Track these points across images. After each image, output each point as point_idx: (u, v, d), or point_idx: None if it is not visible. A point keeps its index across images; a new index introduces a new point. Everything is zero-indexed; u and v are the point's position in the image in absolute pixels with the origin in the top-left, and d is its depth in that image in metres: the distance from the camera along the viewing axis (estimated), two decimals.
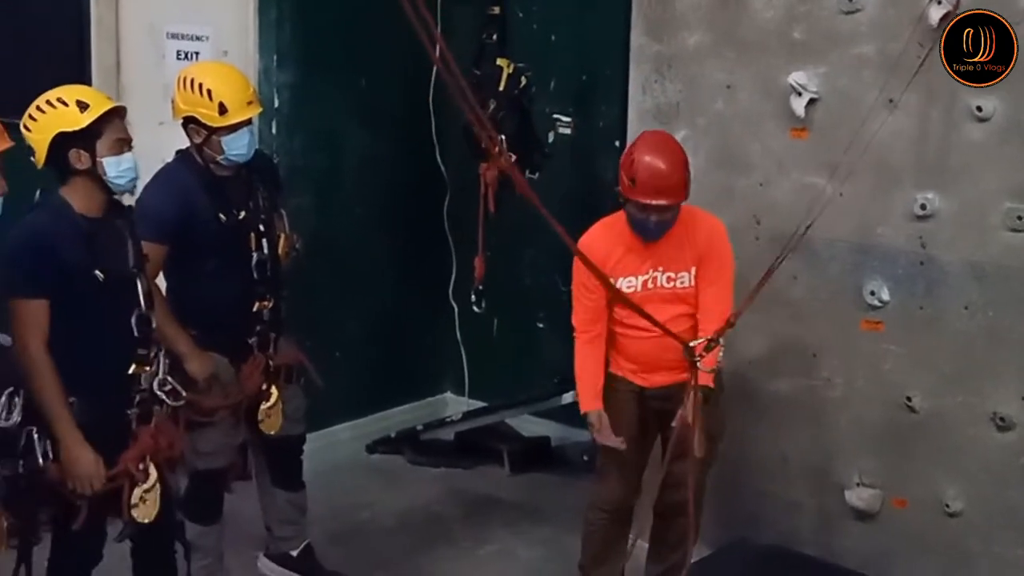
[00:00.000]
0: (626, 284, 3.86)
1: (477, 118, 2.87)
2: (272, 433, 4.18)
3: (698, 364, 3.56)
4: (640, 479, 4.08)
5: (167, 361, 3.57)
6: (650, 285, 3.88)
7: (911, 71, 3.87)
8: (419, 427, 5.71)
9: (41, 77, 4.36)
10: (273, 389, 4.13)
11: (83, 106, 3.34)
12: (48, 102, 3.38)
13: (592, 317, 3.93)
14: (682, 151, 3.86)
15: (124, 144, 3.40)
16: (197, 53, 5.26)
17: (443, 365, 6.06)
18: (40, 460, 3.28)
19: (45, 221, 3.35)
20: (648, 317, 3.50)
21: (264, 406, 4.13)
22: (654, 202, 3.74)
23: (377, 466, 5.61)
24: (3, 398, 3.23)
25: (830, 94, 4.17)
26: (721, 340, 3.64)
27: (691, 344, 3.60)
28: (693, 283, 3.89)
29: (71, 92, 3.42)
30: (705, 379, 3.83)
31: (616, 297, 3.75)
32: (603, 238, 3.90)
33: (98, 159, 3.35)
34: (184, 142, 4.04)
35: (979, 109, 3.87)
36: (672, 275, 3.88)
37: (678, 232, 3.85)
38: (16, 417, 3.25)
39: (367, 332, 5.69)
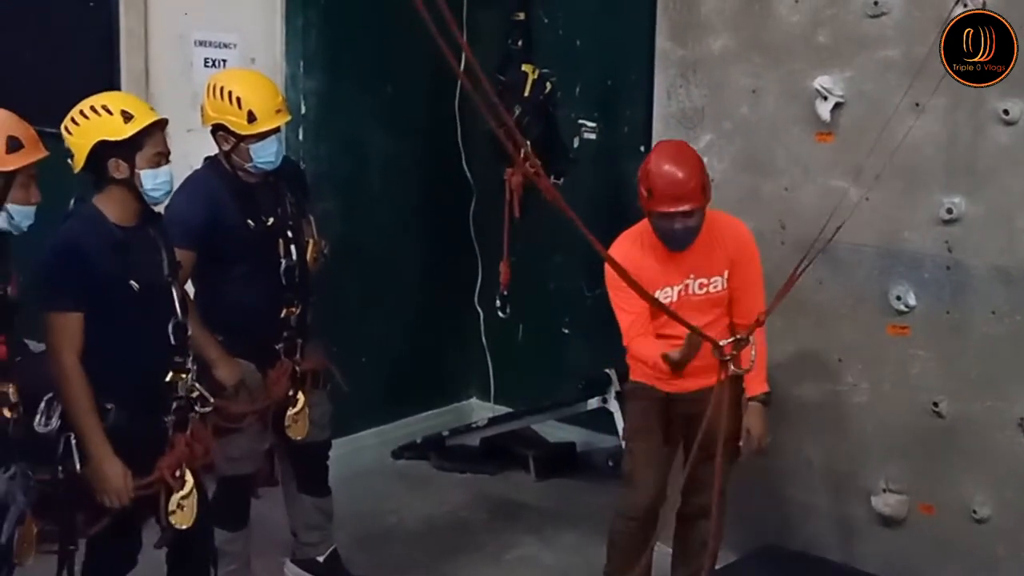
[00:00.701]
0: (662, 296, 3.84)
1: (504, 127, 2.87)
2: (299, 439, 4.20)
3: (731, 364, 3.55)
4: (665, 485, 4.07)
5: (195, 367, 3.59)
6: (683, 293, 3.88)
7: (936, 74, 3.86)
8: (445, 432, 5.72)
9: (71, 85, 4.41)
10: (300, 395, 4.14)
11: (127, 116, 3.36)
12: (93, 108, 3.39)
13: (644, 321, 3.86)
14: (697, 156, 3.86)
15: (162, 157, 3.42)
16: (224, 60, 5.30)
17: (468, 370, 6.07)
18: (78, 466, 3.31)
19: (80, 233, 3.37)
20: (690, 327, 3.47)
21: (291, 412, 4.14)
22: (674, 209, 3.73)
23: (403, 471, 5.62)
24: (42, 404, 3.26)
25: (856, 98, 4.16)
26: (751, 338, 3.63)
27: (721, 343, 3.59)
28: (725, 287, 3.89)
29: (116, 101, 3.44)
30: (760, 386, 3.87)
31: (656, 307, 3.68)
32: (632, 254, 3.84)
33: (136, 170, 3.37)
34: (212, 149, 4.07)
35: (1006, 112, 3.85)
36: (704, 281, 3.88)
37: (705, 238, 3.85)
38: (55, 423, 3.28)
39: (393, 337, 5.71)
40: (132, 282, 3.37)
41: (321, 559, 4.47)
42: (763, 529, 4.47)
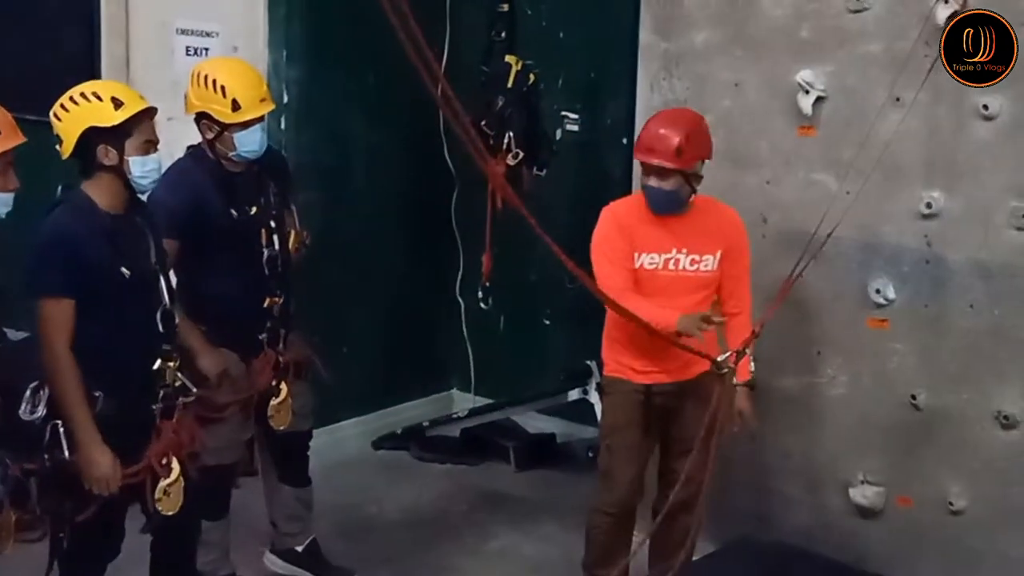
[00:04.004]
0: (648, 260, 3.88)
1: (472, 141, 2.88)
2: (280, 429, 4.20)
3: (729, 374, 3.64)
4: (642, 480, 4.08)
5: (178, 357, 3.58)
6: (671, 266, 3.88)
7: (918, 70, 3.88)
8: (425, 423, 5.72)
9: (51, 73, 4.40)
10: (283, 385, 4.14)
11: (117, 103, 3.35)
12: (83, 94, 3.38)
13: (628, 276, 3.85)
14: (694, 125, 3.85)
15: (151, 145, 3.42)
16: (207, 49, 5.27)
17: (449, 361, 6.07)
18: (66, 453, 3.30)
19: (71, 220, 3.35)
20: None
21: (273, 402, 4.14)
22: (645, 160, 3.79)
23: (383, 462, 5.62)
24: (27, 392, 3.24)
25: (837, 92, 4.18)
26: (748, 350, 3.68)
27: (720, 358, 3.64)
28: (716, 267, 3.90)
29: (107, 88, 3.44)
30: (746, 374, 3.87)
31: (605, 299, 3.68)
32: (631, 210, 3.93)
33: (125, 157, 3.37)
34: (193, 139, 4.06)
35: (985, 108, 3.88)
36: (696, 258, 3.89)
37: (702, 216, 3.89)
38: (41, 411, 3.27)
39: (374, 328, 5.71)
40: (123, 269, 3.37)
41: (301, 549, 4.46)
42: (741, 520, 4.50)
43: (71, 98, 3.39)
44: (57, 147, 3.40)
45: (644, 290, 3.87)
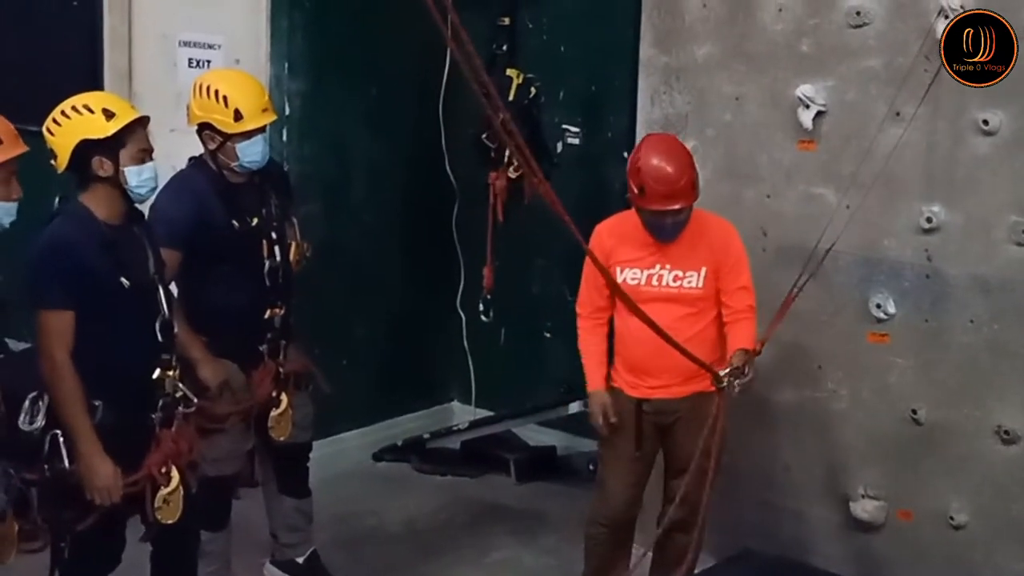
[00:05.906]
0: (630, 276, 3.88)
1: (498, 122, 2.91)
2: (281, 440, 4.20)
3: (725, 387, 3.63)
4: (640, 493, 4.07)
5: (179, 367, 3.59)
6: (655, 282, 3.88)
7: (918, 84, 3.89)
8: (426, 435, 5.72)
9: (54, 84, 4.41)
10: (283, 396, 4.15)
11: (109, 115, 3.37)
12: (74, 108, 3.39)
13: (600, 304, 3.98)
14: (687, 152, 3.88)
15: (146, 154, 3.43)
16: (209, 61, 5.29)
17: (450, 374, 6.07)
18: (66, 463, 3.30)
19: (70, 231, 3.37)
20: (659, 329, 3.51)
21: (274, 413, 4.14)
22: (666, 208, 3.75)
23: (383, 474, 5.62)
24: (26, 403, 3.25)
25: (837, 107, 4.19)
26: (747, 368, 3.68)
27: (721, 373, 3.64)
28: (702, 284, 3.87)
29: (97, 99, 3.45)
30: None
31: (622, 298, 3.76)
32: (614, 228, 3.97)
33: (121, 168, 3.38)
34: (194, 150, 4.07)
35: (985, 123, 3.89)
36: (680, 274, 3.88)
37: (689, 233, 3.87)
38: (40, 422, 3.27)
39: (375, 340, 5.71)
40: (122, 279, 3.38)
41: (301, 560, 4.46)
42: (741, 533, 4.49)
43: (62, 112, 3.40)
44: (52, 162, 3.41)
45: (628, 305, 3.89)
